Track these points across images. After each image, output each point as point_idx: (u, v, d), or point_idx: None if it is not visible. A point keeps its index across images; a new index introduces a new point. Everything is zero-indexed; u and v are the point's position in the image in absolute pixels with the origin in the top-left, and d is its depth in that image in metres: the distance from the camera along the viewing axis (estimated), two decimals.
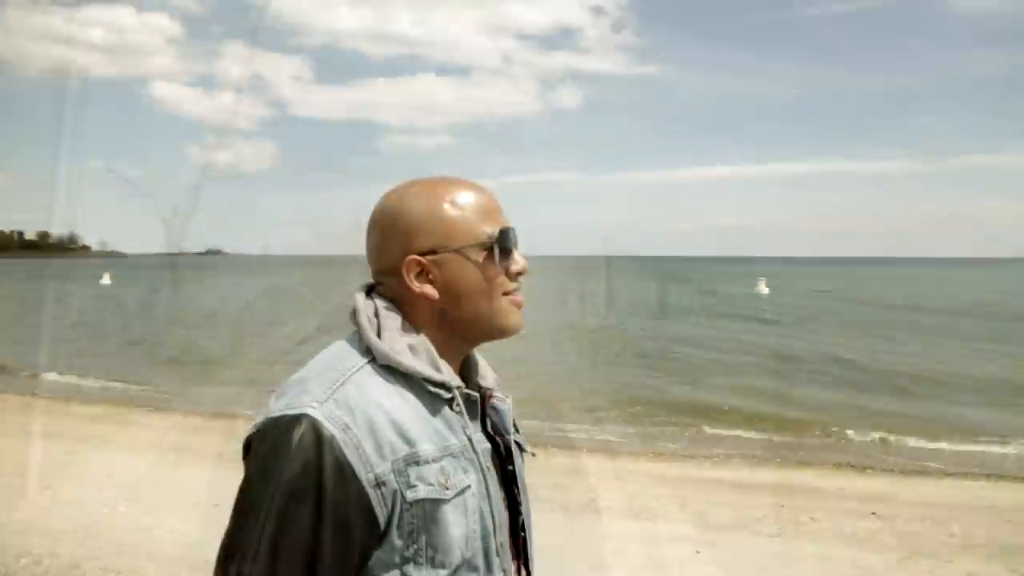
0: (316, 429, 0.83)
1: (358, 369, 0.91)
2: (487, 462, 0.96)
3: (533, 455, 1.10)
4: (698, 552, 5.00)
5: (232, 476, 0.89)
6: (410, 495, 0.86)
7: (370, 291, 1.01)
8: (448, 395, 0.93)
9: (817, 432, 9.87)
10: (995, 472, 7.94)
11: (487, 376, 1.05)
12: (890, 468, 7.93)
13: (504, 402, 1.04)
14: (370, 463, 0.84)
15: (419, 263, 0.95)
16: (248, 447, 0.89)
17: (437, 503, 0.87)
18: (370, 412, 0.86)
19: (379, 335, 0.93)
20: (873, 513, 6.03)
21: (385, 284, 0.99)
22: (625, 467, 7.80)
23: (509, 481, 1.02)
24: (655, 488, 6.71)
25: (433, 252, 0.96)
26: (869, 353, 17.99)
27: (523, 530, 1.03)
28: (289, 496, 0.81)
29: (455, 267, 0.96)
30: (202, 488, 5.46)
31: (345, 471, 0.83)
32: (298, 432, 0.83)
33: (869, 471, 7.76)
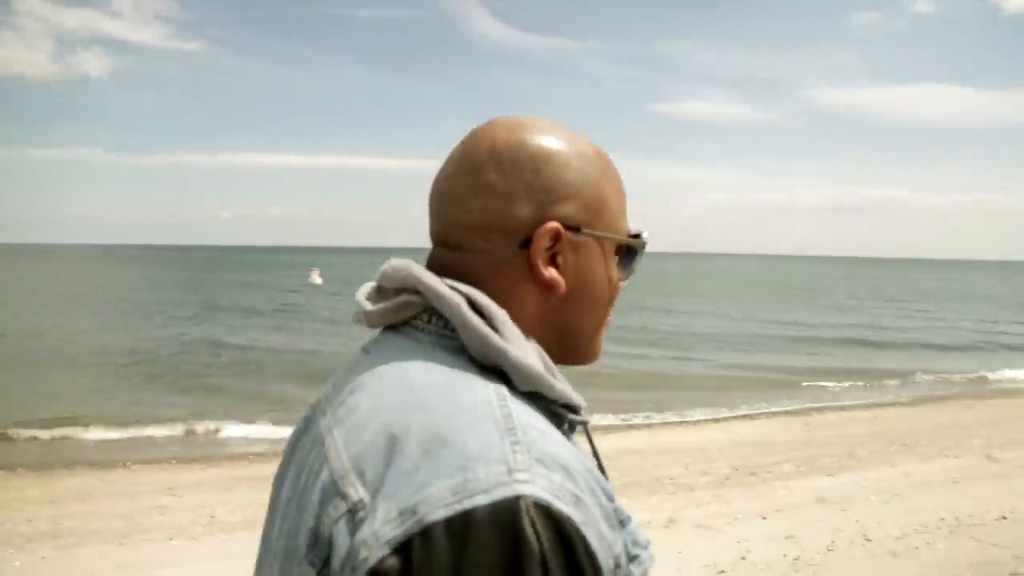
0: (549, 515, 0.49)
1: (511, 401, 0.56)
2: None
3: None
4: None
5: None
6: (636, 572, 0.60)
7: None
8: (582, 421, 0.64)
9: None
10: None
11: None
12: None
13: (587, 423, 0.68)
14: (607, 542, 0.53)
15: (557, 236, 0.64)
16: None
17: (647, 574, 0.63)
18: (575, 465, 0.53)
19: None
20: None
21: (474, 255, 0.65)
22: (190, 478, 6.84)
23: None
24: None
25: (577, 229, 0.66)
26: None
27: None
28: None
29: (591, 258, 0.67)
30: None
31: (597, 566, 0.50)
32: (527, 526, 0.47)
33: None
